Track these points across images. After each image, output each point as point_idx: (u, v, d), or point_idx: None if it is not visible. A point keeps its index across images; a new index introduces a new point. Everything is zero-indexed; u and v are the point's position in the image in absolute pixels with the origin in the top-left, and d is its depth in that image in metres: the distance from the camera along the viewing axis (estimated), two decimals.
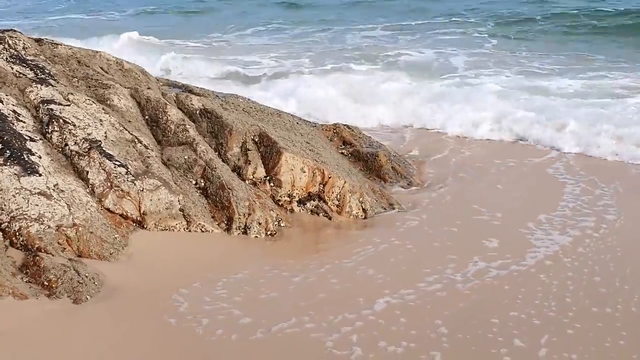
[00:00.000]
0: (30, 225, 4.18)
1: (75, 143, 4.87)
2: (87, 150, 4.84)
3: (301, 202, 5.45)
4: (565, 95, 9.32)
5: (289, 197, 5.40)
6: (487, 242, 4.88)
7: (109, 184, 4.72)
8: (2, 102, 4.95)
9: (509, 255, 4.64)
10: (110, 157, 4.85)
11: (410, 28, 15.82)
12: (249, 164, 5.40)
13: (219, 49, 14.75)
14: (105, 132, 5.05)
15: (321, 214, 5.40)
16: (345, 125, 7.04)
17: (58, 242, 4.20)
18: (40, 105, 5.09)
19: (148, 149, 5.17)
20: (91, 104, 5.26)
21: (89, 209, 4.49)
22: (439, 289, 4.18)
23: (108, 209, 4.65)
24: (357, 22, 17.23)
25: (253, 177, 5.37)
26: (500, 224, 5.27)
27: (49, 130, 4.92)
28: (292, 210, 5.39)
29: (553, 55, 12.22)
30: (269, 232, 4.96)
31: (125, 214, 4.69)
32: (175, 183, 4.99)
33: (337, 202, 5.47)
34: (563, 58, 11.98)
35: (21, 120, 4.90)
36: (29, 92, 5.18)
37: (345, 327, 3.71)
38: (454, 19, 16.74)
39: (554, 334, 3.68)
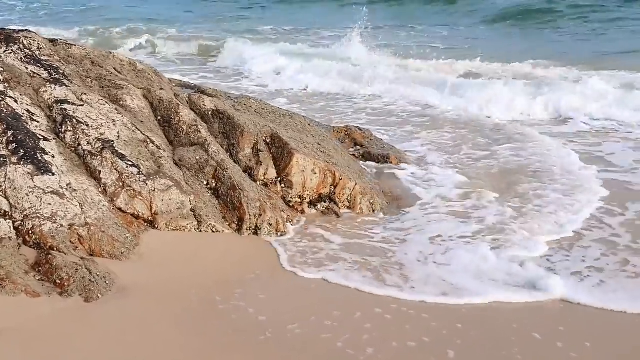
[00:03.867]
0: (43, 224, 4.20)
1: (88, 143, 4.90)
2: (99, 150, 4.87)
3: (312, 203, 5.45)
4: None
5: (299, 198, 5.40)
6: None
7: (121, 184, 4.74)
8: (16, 101, 4.99)
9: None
10: (122, 157, 4.87)
11: None
12: (261, 165, 5.40)
13: None
14: (118, 132, 5.08)
15: (332, 216, 5.39)
16: (356, 127, 7.06)
17: (70, 241, 4.22)
18: (54, 105, 5.13)
19: (160, 149, 5.19)
20: (104, 104, 5.29)
21: (101, 208, 4.51)
22: None
23: (120, 209, 4.66)
24: None
25: (264, 178, 5.38)
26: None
27: (63, 130, 4.95)
28: (303, 212, 5.39)
29: None
30: (279, 233, 4.96)
31: (136, 213, 4.71)
32: (186, 183, 5.00)
33: (348, 204, 5.47)
34: None
35: (35, 120, 4.94)
36: (43, 92, 5.22)
37: (363, 324, 3.71)
38: None
39: None
